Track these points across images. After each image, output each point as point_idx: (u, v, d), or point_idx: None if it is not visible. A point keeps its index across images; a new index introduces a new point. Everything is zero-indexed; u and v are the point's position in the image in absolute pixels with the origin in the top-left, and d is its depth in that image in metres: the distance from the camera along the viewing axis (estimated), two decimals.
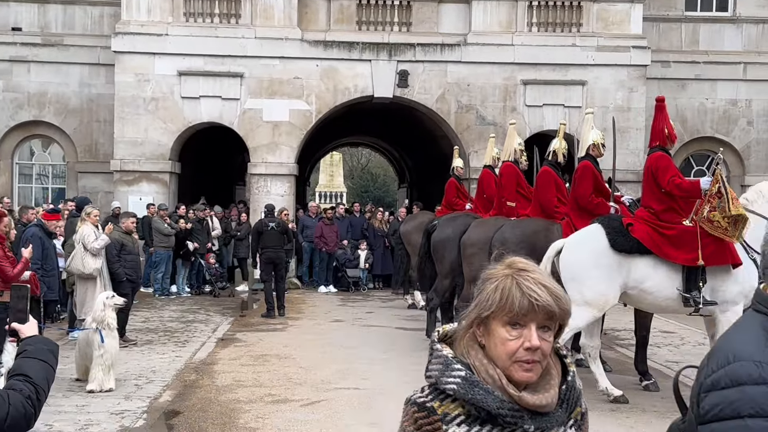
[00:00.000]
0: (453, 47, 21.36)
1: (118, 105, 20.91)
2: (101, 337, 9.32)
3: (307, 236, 21.15)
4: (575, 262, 8.84)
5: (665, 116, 9.31)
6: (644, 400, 9.41)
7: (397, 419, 7.60)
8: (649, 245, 8.73)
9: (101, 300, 9.69)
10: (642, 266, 8.77)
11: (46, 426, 7.85)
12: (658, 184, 8.96)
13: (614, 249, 8.75)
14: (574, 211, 10.14)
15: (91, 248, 11.51)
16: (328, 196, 61.30)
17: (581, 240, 9.02)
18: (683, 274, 8.75)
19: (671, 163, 9.07)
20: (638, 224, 8.92)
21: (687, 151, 23.62)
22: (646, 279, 8.78)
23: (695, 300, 8.67)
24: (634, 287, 8.82)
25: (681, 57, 23.13)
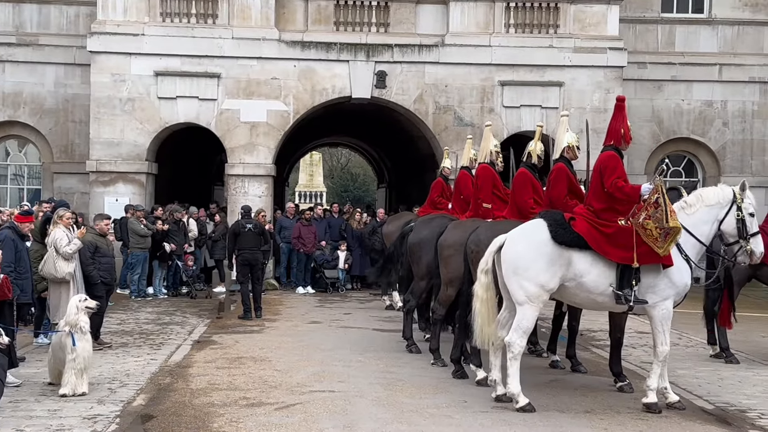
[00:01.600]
0: (431, 48, 21.38)
1: (94, 105, 20.78)
2: (73, 340, 9.24)
3: (284, 237, 21.08)
4: (516, 256, 8.92)
5: (624, 117, 9.38)
6: (618, 401, 9.44)
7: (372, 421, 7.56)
8: (589, 240, 8.84)
9: (74, 303, 9.60)
10: (581, 261, 8.87)
11: (17, 431, 7.77)
12: (603, 184, 9.08)
13: (555, 241, 8.83)
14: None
15: (63, 252, 11.40)
16: (307, 196, 61.24)
17: (523, 233, 9.09)
18: (617, 272, 8.85)
19: (620, 164, 9.15)
20: (579, 219, 9.03)
21: (663, 152, 23.76)
22: (583, 274, 8.88)
23: (626, 297, 8.79)
24: (572, 279, 8.89)
25: (657, 58, 23.28)
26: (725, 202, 9.21)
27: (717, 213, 9.20)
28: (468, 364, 10.45)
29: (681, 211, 9.20)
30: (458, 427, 8.21)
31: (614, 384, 10.11)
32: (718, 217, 9.19)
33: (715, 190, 9.43)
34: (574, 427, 8.32)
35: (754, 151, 23.60)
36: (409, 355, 12.20)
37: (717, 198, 9.25)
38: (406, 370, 11.06)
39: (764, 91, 23.43)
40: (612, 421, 8.54)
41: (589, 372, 11.11)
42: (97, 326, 12.01)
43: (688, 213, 9.19)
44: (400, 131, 25.85)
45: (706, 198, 9.28)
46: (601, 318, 12.50)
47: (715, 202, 9.23)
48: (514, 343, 8.88)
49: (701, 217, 9.19)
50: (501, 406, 9.01)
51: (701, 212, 9.21)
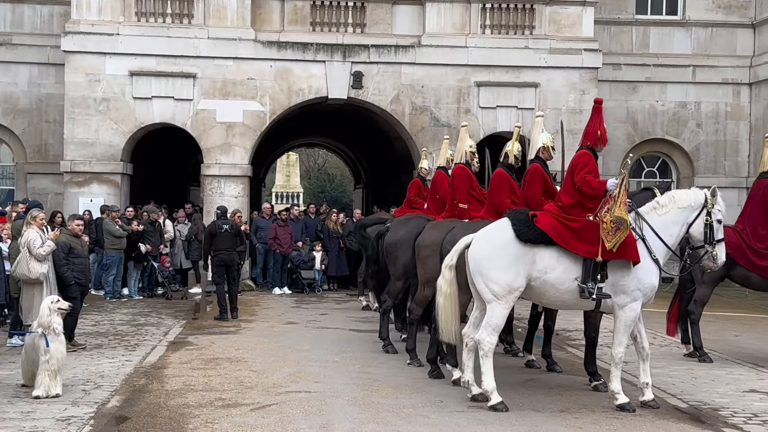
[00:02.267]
0: (407, 49, 21.41)
1: (68, 105, 20.63)
2: (46, 341, 9.16)
3: (261, 238, 21.03)
4: (481, 255, 8.97)
5: (601, 119, 9.45)
6: (593, 400, 9.50)
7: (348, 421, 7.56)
8: (552, 235, 8.89)
9: (46, 305, 9.52)
10: (546, 257, 8.91)
11: None
12: (573, 179, 9.18)
13: (519, 239, 8.87)
14: None
15: (36, 254, 11.31)
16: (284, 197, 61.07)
17: (488, 233, 9.15)
18: (583, 266, 8.91)
19: (591, 161, 9.21)
20: (542, 216, 9.09)
21: (638, 153, 23.91)
22: (549, 270, 8.93)
23: (589, 291, 8.83)
24: (538, 278, 8.93)
25: (632, 60, 23.46)
26: (696, 206, 9.28)
27: (687, 216, 9.27)
28: (444, 364, 10.46)
29: (653, 211, 9.28)
30: (434, 427, 8.22)
31: (589, 383, 10.17)
32: (688, 220, 9.27)
33: (687, 192, 9.50)
34: (549, 425, 8.36)
35: (728, 152, 23.83)
36: (385, 355, 12.21)
37: (689, 201, 9.32)
38: (382, 370, 11.07)
39: (737, 93, 23.68)
40: (587, 420, 8.58)
41: (565, 371, 11.17)
42: (71, 327, 11.91)
43: (659, 213, 9.26)
44: (376, 132, 25.86)
45: (679, 200, 9.34)
46: (577, 318, 12.58)
47: (686, 205, 9.30)
48: (484, 340, 8.93)
49: (672, 218, 9.25)
50: (477, 406, 9.04)
51: (672, 213, 9.27)
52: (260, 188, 37.85)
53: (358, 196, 37.10)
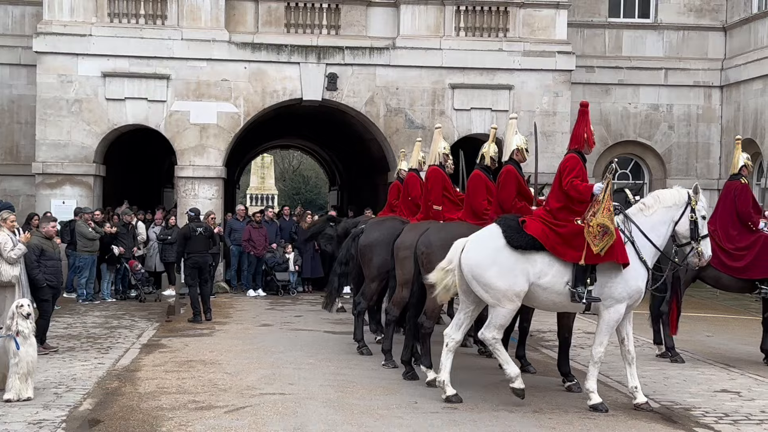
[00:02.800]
0: (381, 51, 21.44)
1: (40, 106, 20.46)
2: (16, 344, 9.08)
3: (235, 240, 20.95)
4: (474, 262, 9.04)
5: (587, 121, 9.51)
6: (567, 401, 9.55)
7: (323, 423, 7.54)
8: (542, 241, 8.98)
9: (12, 308, 9.44)
10: (539, 262, 9.00)
11: None
12: (561, 182, 9.24)
13: (510, 246, 8.95)
14: (498, 215, 10.25)
15: (7, 257, 11.17)
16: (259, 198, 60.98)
17: (480, 239, 9.20)
18: (573, 271, 8.99)
19: (579, 165, 9.28)
20: (531, 221, 9.17)
21: (611, 155, 24.03)
22: (542, 275, 9.02)
23: (579, 295, 8.92)
24: (532, 282, 9.02)
25: (605, 62, 23.62)
26: (681, 204, 9.39)
27: (673, 214, 9.38)
28: (419, 366, 10.48)
29: (640, 212, 9.39)
30: (408, 428, 8.24)
31: (563, 384, 10.22)
32: (674, 218, 9.37)
33: (671, 191, 9.61)
34: (522, 426, 8.40)
35: (699, 155, 24.05)
36: (360, 356, 12.21)
37: (674, 199, 9.43)
38: (357, 371, 11.07)
39: (708, 96, 23.91)
40: (560, 420, 8.63)
41: (538, 372, 11.23)
42: (43, 330, 11.82)
43: (646, 214, 9.35)
44: (351, 134, 25.87)
45: (664, 199, 9.45)
46: (551, 319, 12.63)
47: (672, 204, 9.41)
48: (487, 337, 9.13)
49: (659, 218, 9.34)
50: (451, 407, 9.06)
51: (659, 213, 9.37)
52: (234, 190, 37.73)
53: (333, 197, 37.14)
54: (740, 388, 10.35)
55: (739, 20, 23.24)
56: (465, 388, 10.01)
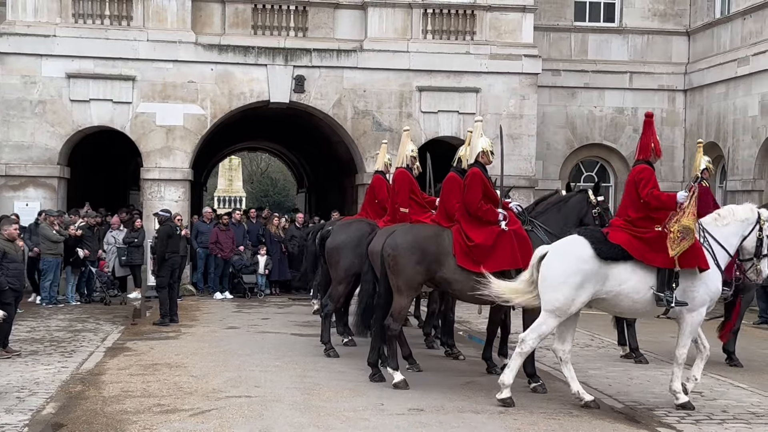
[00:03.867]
0: (349, 53, 21.44)
1: (3, 108, 20.20)
2: None
3: (201, 242, 20.84)
4: (559, 270, 9.19)
5: (653, 132, 9.81)
6: (531, 401, 9.62)
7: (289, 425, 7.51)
8: (630, 250, 9.21)
9: None
10: (621, 271, 9.23)
11: None
12: (639, 194, 9.44)
13: (599, 257, 9.18)
14: (464, 218, 10.31)
15: None
16: (227, 201, 60.71)
17: (565, 249, 9.36)
18: (658, 277, 9.22)
19: (653, 176, 9.54)
20: (615, 232, 9.40)
21: (577, 158, 24.32)
22: (624, 282, 9.23)
23: (668, 299, 9.16)
24: (610, 291, 9.24)
25: (570, 66, 23.81)
26: (752, 221, 9.74)
27: (744, 229, 9.73)
28: (385, 368, 10.49)
29: (713, 222, 9.70)
30: (374, 430, 8.27)
31: (528, 384, 10.29)
32: (744, 233, 9.72)
33: (744, 207, 9.95)
34: (488, 427, 8.46)
35: (663, 158, 23.97)
36: (326, 359, 12.21)
37: (746, 215, 9.78)
38: (323, 374, 11.07)
39: (672, 99, 24.16)
40: (525, 421, 8.69)
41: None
42: (6, 334, 11.70)
43: (720, 225, 9.67)
44: (319, 136, 25.85)
45: (738, 214, 9.78)
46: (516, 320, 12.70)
47: (744, 218, 9.75)
48: (527, 341, 9.27)
49: (732, 230, 9.68)
50: (417, 408, 9.09)
51: (733, 226, 9.70)
52: (202, 192, 37.53)
53: (301, 200, 37.08)
54: (702, 388, 10.47)
55: (702, 25, 23.53)
56: (431, 389, 10.07)
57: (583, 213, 11.11)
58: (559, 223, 10.77)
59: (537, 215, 10.95)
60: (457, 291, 10.37)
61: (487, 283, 9.42)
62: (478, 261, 9.95)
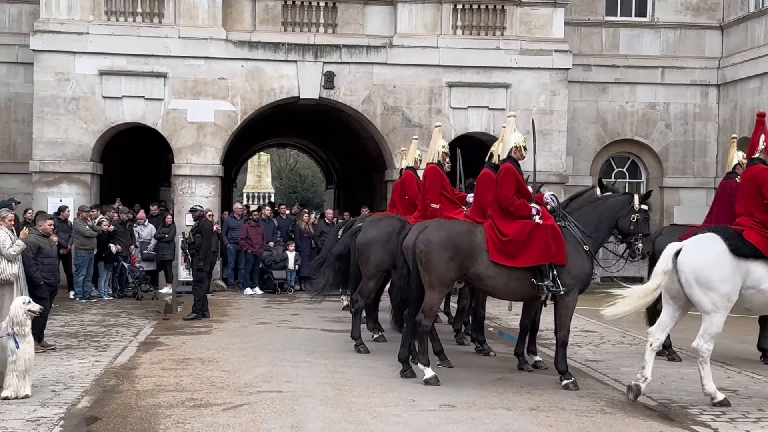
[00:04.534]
0: (378, 49, 21.43)
1: (38, 105, 20.43)
2: (15, 342, 9.08)
3: (232, 238, 20.95)
4: (699, 265, 9.20)
5: (765, 130, 9.77)
6: (564, 399, 9.56)
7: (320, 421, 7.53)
8: (763, 250, 9.26)
9: (18, 304, 9.43)
10: (759, 269, 9.28)
11: None
12: (762, 195, 9.50)
13: (734, 254, 9.21)
14: (496, 213, 10.26)
15: (6, 254, 11.18)
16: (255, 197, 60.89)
17: (700, 245, 9.38)
18: None
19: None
20: (750, 232, 9.40)
21: (608, 153, 24.15)
22: (763, 281, 9.27)
23: None
24: (749, 288, 9.29)
25: (602, 61, 23.62)
26: None
27: None
28: (416, 363, 10.49)
29: None
30: (406, 426, 8.25)
31: (560, 382, 10.23)
32: None
33: None
34: (520, 423, 8.42)
35: (696, 153, 24.08)
36: (357, 354, 12.21)
37: None
38: (354, 369, 11.08)
39: (705, 94, 23.92)
40: (557, 418, 8.65)
41: (536, 370, 11.24)
42: (41, 328, 11.79)
43: None
44: (348, 132, 25.86)
45: None
46: (548, 317, 12.65)
47: None
48: (701, 347, 9.27)
49: None
50: (448, 404, 9.08)
51: None
52: (231, 188, 37.72)
53: (330, 196, 37.10)
54: (737, 386, 10.37)
55: (735, 19, 23.26)
56: (462, 385, 10.05)
57: (621, 216, 10.65)
58: (593, 221, 10.52)
59: (572, 211, 10.70)
60: (489, 287, 10.31)
61: (617, 302, 9.47)
62: (511, 255, 9.91)
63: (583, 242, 10.30)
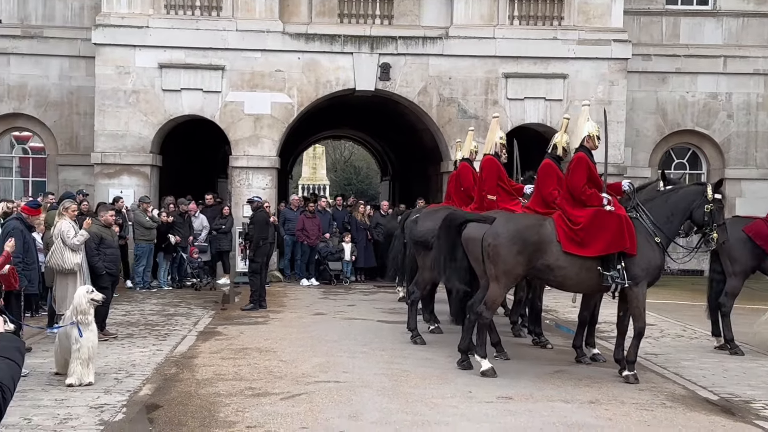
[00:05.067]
0: (435, 40, 21.36)
1: (99, 97, 20.81)
2: (79, 331, 9.27)
3: (288, 229, 21.11)
4: None
5: None
6: (623, 392, 9.45)
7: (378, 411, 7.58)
8: None
9: (81, 293, 9.62)
10: None
11: (24, 420, 7.81)
12: None
13: None
14: (568, 202, 10.14)
15: (70, 244, 11.42)
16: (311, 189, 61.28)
17: None
18: None
19: None
20: None
21: (667, 144, 23.77)
22: None
23: None
24: None
25: (662, 50, 23.25)
26: None
27: None
28: (473, 355, 10.46)
29: None
30: (462, 417, 8.24)
31: (619, 374, 10.12)
32: None
33: None
34: (578, 416, 8.34)
35: (759, 144, 23.58)
36: (413, 346, 12.22)
37: None
38: (410, 360, 11.09)
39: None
40: (617, 412, 8.55)
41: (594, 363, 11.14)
42: (103, 317, 12.02)
43: None
44: (404, 124, 25.85)
45: None
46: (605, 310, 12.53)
47: None
48: None
49: None
50: (505, 396, 9.04)
51: None
52: (287, 180, 37.97)
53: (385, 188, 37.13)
54: None
55: None
56: (519, 378, 10.00)
57: (695, 206, 10.38)
58: (664, 212, 10.28)
59: (642, 202, 10.43)
60: (559, 277, 10.14)
61: None
62: (582, 243, 9.81)
63: (654, 234, 10.12)
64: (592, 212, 9.96)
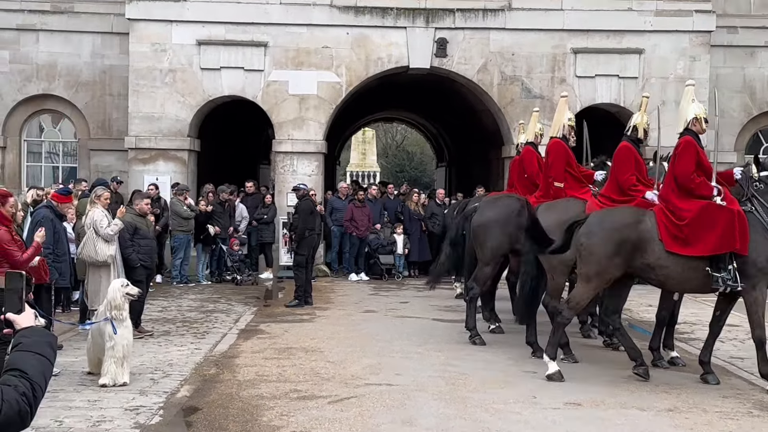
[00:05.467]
0: (496, 13, 21.21)
1: (133, 77, 21.00)
2: (113, 327, 9.40)
3: (336, 220, 21.18)
4: None
5: None
6: (705, 399, 9.32)
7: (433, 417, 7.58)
8: None
9: (115, 287, 9.76)
10: None
11: (56, 422, 7.97)
12: None
13: None
14: (673, 192, 9.94)
15: (104, 234, 11.57)
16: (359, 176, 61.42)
17: None
18: None
19: None
20: None
21: (756, 126, 23.32)
22: None
23: None
24: None
25: (750, 22, 22.73)
26: None
27: None
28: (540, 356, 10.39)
29: None
30: (526, 424, 8.21)
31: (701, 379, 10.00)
32: None
33: None
34: (655, 425, 8.26)
35: None
36: (472, 346, 12.20)
37: None
38: (468, 362, 11.08)
39: None
40: (698, 420, 8.44)
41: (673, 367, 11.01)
42: (138, 313, 12.18)
43: None
44: (461, 104, 25.75)
45: None
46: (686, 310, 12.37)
47: None
48: None
49: None
50: (574, 402, 8.98)
51: None
52: (335, 166, 38.09)
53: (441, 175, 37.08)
54: None
55: None
56: (589, 382, 9.94)
57: None
58: None
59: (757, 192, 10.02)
60: (661, 276, 9.95)
61: None
62: (687, 241, 9.62)
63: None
64: (701, 206, 9.68)
